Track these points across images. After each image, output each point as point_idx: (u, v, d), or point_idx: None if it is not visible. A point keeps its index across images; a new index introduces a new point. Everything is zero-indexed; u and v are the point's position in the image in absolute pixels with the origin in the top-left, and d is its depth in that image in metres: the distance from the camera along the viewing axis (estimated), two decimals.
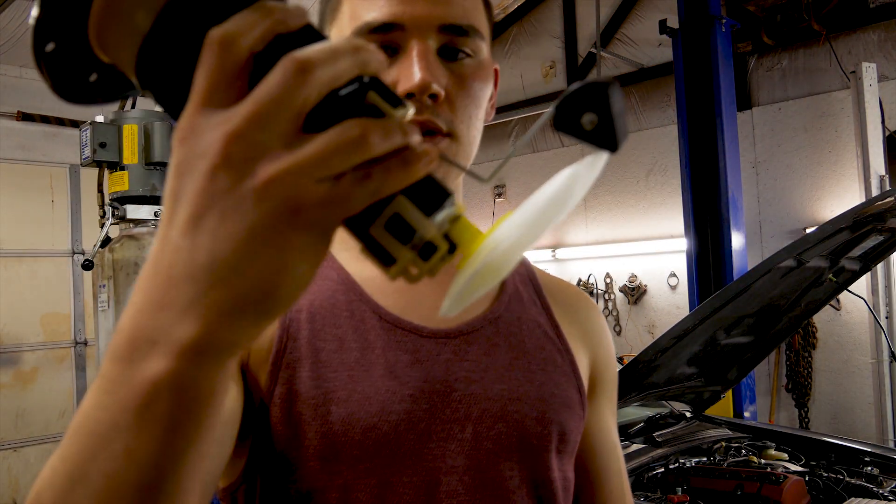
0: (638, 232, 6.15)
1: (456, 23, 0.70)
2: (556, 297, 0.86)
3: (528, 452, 0.74)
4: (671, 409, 3.11)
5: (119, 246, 2.61)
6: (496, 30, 6.92)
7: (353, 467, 0.68)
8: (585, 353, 0.84)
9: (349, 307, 0.75)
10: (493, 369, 0.75)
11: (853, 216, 2.20)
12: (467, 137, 0.73)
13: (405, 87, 0.68)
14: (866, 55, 4.91)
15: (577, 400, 0.79)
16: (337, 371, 0.71)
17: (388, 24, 0.69)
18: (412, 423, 0.70)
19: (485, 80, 0.74)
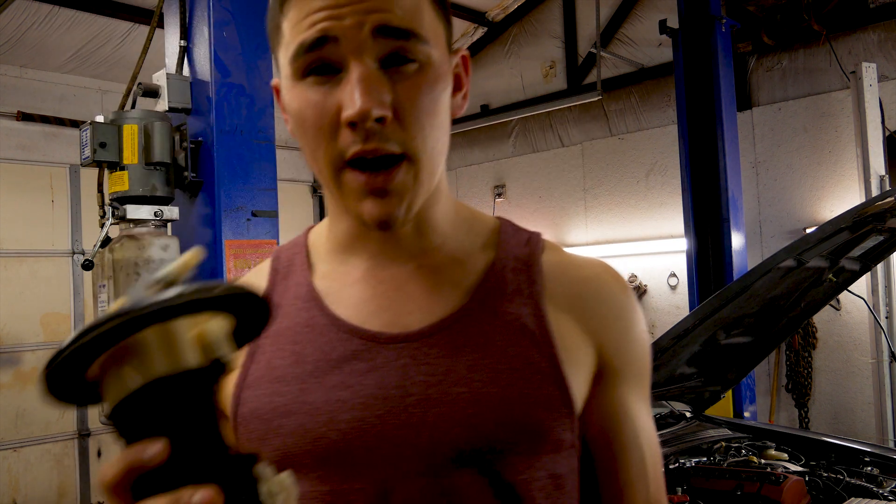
0: (638, 232, 6.15)
1: (392, 26, 0.69)
2: (559, 284, 0.80)
3: (490, 457, 0.72)
4: (671, 409, 3.11)
5: (119, 246, 2.61)
6: (496, 30, 6.93)
7: (307, 476, 0.71)
8: (586, 342, 0.79)
9: (310, 322, 0.77)
10: (453, 372, 0.73)
11: (853, 216, 2.20)
12: (425, 151, 0.72)
13: (346, 116, 0.68)
14: (866, 55, 4.91)
15: (558, 396, 0.75)
16: (290, 385, 0.74)
17: (320, 39, 0.69)
18: (363, 430, 0.71)
19: (436, 83, 0.72)
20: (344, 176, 0.71)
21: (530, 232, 0.85)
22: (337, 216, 0.81)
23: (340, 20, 0.68)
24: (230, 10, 2.80)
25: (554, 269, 0.82)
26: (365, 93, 0.67)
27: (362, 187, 0.70)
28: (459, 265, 0.80)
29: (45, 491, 5.31)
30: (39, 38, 5.17)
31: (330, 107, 0.69)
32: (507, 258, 0.81)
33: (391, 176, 0.70)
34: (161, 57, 2.97)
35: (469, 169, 7.41)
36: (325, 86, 0.70)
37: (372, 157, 0.69)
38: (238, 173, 2.79)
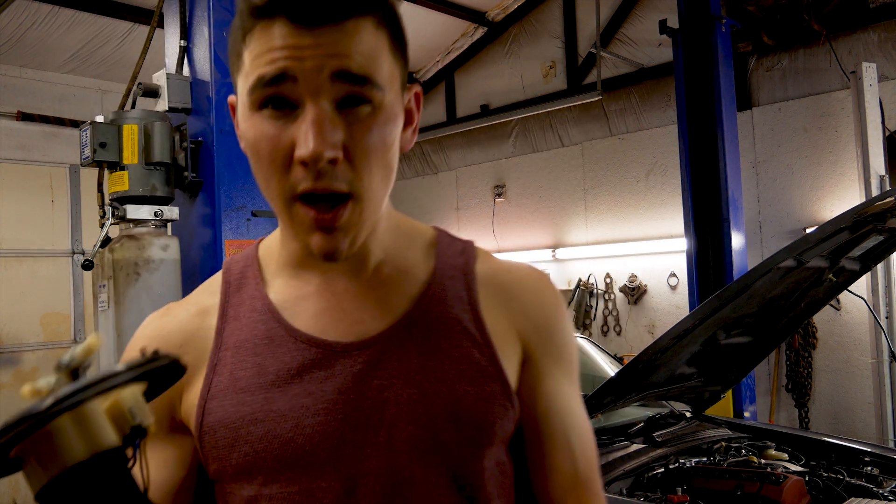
0: (638, 232, 6.15)
1: (349, 71, 0.72)
2: (491, 288, 0.88)
3: (442, 450, 0.79)
4: (671, 409, 3.11)
5: (119, 246, 2.61)
6: (496, 30, 6.93)
7: (276, 478, 0.77)
8: (514, 336, 0.86)
9: (268, 334, 0.82)
10: (403, 375, 0.79)
11: (853, 216, 2.20)
12: (371, 190, 0.76)
13: (300, 156, 0.72)
14: (866, 55, 4.91)
15: (500, 391, 0.82)
16: (255, 395, 0.79)
17: (279, 76, 0.71)
18: (326, 433, 0.77)
19: (387, 124, 0.76)
20: (294, 208, 0.75)
21: (464, 241, 0.92)
22: (290, 237, 0.84)
23: (301, 61, 0.71)
24: (230, 10, 2.79)
25: (486, 275, 0.89)
26: (318, 135, 0.71)
27: (311, 222, 0.75)
28: (404, 276, 0.86)
29: None
30: (39, 38, 5.17)
31: (284, 141, 0.73)
32: (445, 268, 0.87)
33: (338, 214, 0.75)
34: (161, 57, 2.97)
35: (469, 169, 7.41)
36: (281, 120, 0.73)
37: (321, 193, 0.73)
38: (238, 173, 2.79)
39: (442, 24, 6.77)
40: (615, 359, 3.79)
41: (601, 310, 6.34)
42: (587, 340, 3.89)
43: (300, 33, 0.71)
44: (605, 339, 6.27)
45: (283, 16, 0.71)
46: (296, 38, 0.71)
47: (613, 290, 6.28)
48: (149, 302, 2.59)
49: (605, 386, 2.48)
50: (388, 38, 0.77)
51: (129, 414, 0.58)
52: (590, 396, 2.51)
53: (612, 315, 6.28)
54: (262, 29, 0.72)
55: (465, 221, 7.44)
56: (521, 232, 6.96)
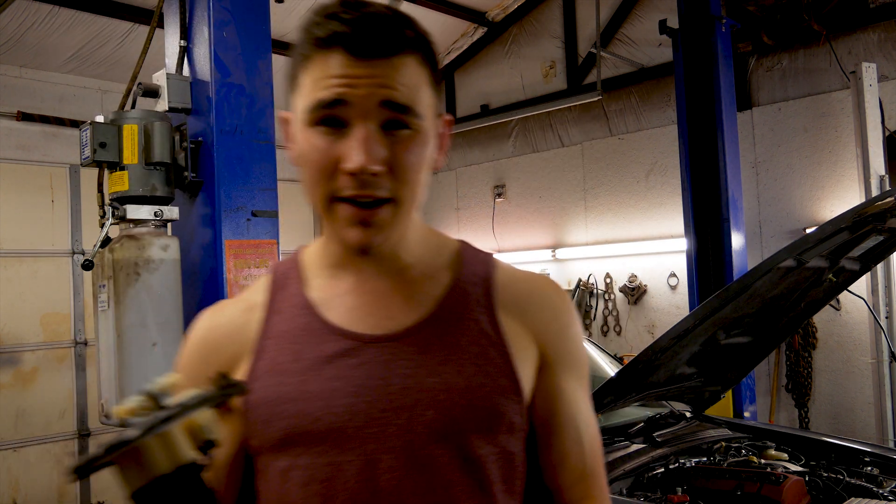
0: (638, 232, 6.15)
1: (395, 101, 0.85)
2: (509, 295, 0.98)
3: (456, 434, 0.89)
4: (671, 409, 3.11)
5: (119, 246, 2.61)
6: (496, 30, 6.93)
7: (310, 450, 0.89)
8: (531, 341, 0.97)
9: (306, 326, 0.94)
10: (426, 366, 0.90)
11: (853, 216, 2.20)
12: (406, 198, 0.89)
13: (347, 168, 0.84)
14: (866, 55, 4.91)
15: (510, 386, 0.92)
16: (292, 377, 0.91)
17: (335, 101, 0.84)
18: (353, 413, 0.88)
19: (424, 146, 0.89)
20: (335, 206, 0.88)
21: (486, 253, 1.04)
22: (330, 239, 0.97)
23: (355, 88, 0.84)
24: (230, 10, 2.79)
25: (504, 283, 0.99)
26: (366, 151, 0.83)
27: (350, 218, 0.87)
28: (429, 280, 0.97)
29: (45, 491, 5.31)
30: (39, 38, 5.17)
31: (333, 154, 0.86)
32: (467, 274, 0.98)
33: (375, 212, 0.87)
34: (161, 57, 2.97)
35: (469, 169, 7.41)
36: (332, 136, 0.86)
37: (364, 200, 0.86)
38: (238, 173, 2.78)
39: (442, 24, 6.76)
40: (615, 359, 3.78)
41: (601, 310, 6.34)
42: (587, 340, 3.89)
43: (355, 64, 0.84)
44: (605, 339, 6.26)
45: (341, 48, 0.84)
46: (351, 69, 0.84)
47: (613, 290, 6.28)
48: (149, 302, 2.59)
49: (605, 386, 2.48)
50: (428, 73, 0.89)
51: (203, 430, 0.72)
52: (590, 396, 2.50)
53: (612, 315, 6.28)
54: (322, 58, 0.85)
55: (465, 221, 7.43)
56: (521, 232, 6.96)
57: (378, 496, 0.87)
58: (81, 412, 5.49)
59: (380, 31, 0.84)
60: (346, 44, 0.83)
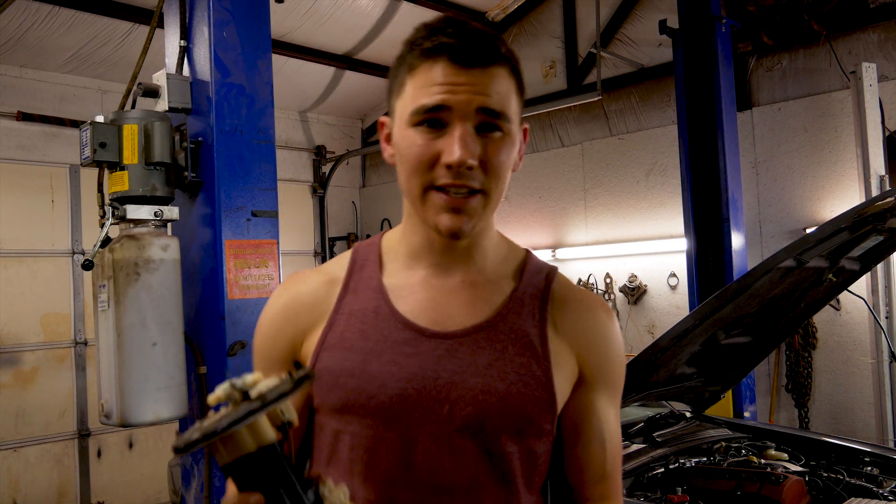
0: (638, 232, 6.15)
1: (490, 108, 0.97)
2: (562, 311, 1.08)
3: (487, 432, 1.00)
4: (671, 409, 3.11)
5: (119, 246, 2.61)
6: (496, 30, 6.92)
7: (360, 421, 1.01)
8: (573, 357, 1.06)
9: (376, 309, 1.05)
10: (474, 366, 1.01)
11: (853, 216, 2.20)
12: (495, 192, 1.00)
13: (447, 160, 0.95)
14: (866, 55, 4.91)
15: (546, 398, 1.02)
16: (357, 354, 1.03)
17: (438, 106, 0.96)
18: (403, 397, 1.00)
19: (511, 148, 1.01)
20: (430, 194, 0.99)
21: (549, 267, 1.14)
22: (412, 229, 1.08)
23: (456, 94, 0.96)
24: (230, 10, 2.79)
25: (560, 299, 1.09)
26: (464, 147, 0.95)
27: (444, 204, 0.98)
28: (493, 286, 1.08)
29: (45, 491, 5.31)
30: (39, 38, 5.17)
31: (432, 150, 0.97)
32: (527, 286, 1.08)
33: (468, 200, 0.98)
34: (161, 57, 2.97)
35: None
36: (431, 135, 0.97)
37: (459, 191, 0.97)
38: (238, 173, 2.78)
39: None
40: None
41: None
42: None
43: (457, 72, 0.96)
44: None
45: (446, 57, 0.96)
46: (453, 76, 0.96)
47: (613, 290, 6.28)
48: (149, 302, 2.59)
49: None
50: (516, 85, 1.02)
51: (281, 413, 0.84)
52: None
53: None
54: (428, 66, 0.97)
55: None
56: (521, 232, 6.96)
57: (412, 470, 0.99)
58: (81, 412, 5.49)
59: (479, 45, 0.97)
60: (451, 53, 0.96)
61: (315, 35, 6.21)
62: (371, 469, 1.01)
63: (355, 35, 6.46)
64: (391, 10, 6.30)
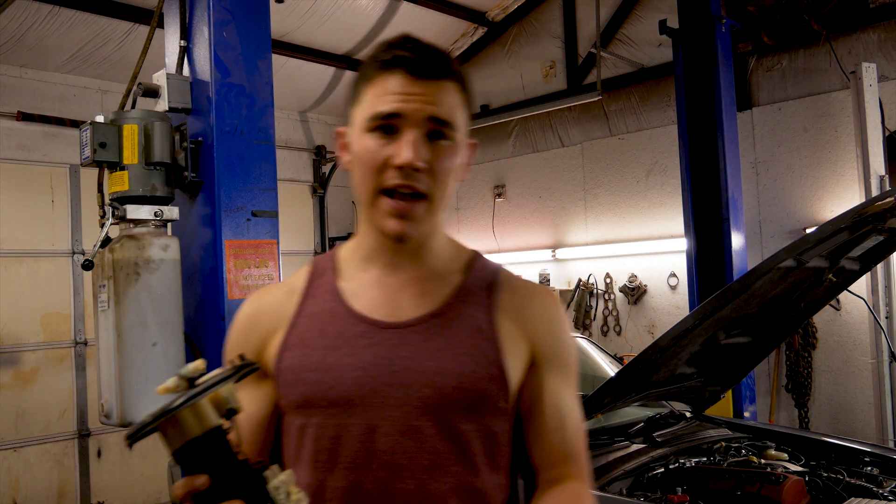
0: (638, 232, 6.15)
1: (439, 117, 1.05)
2: (510, 299, 1.15)
3: (445, 411, 1.06)
4: (671, 409, 3.11)
5: (119, 246, 2.61)
6: (496, 30, 6.94)
7: (322, 412, 1.08)
8: (524, 340, 1.13)
9: (333, 310, 1.13)
10: (427, 351, 1.07)
11: (853, 216, 2.20)
12: (438, 197, 1.08)
13: (397, 161, 1.03)
14: (866, 55, 4.91)
15: (497, 375, 1.08)
16: (316, 350, 1.10)
17: (391, 114, 1.04)
18: (361, 385, 1.06)
19: (456, 156, 1.09)
20: (380, 199, 1.06)
21: (496, 264, 1.21)
22: (365, 233, 1.15)
23: (409, 103, 1.04)
24: (230, 10, 2.79)
25: (508, 290, 1.16)
26: (414, 150, 1.03)
27: (391, 209, 1.05)
28: (442, 280, 1.15)
29: (45, 491, 5.31)
30: (39, 38, 5.17)
31: (383, 154, 1.05)
32: (475, 279, 1.16)
33: (413, 205, 1.05)
34: (161, 57, 2.97)
35: None
36: (384, 140, 1.05)
37: (405, 191, 1.04)
38: (238, 173, 2.78)
39: (442, 24, 6.76)
40: (615, 359, 3.78)
41: (601, 310, 6.34)
42: (587, 340, 3.89)
43: (412, 83, 1.04)
44: (605, 339, 6.26)
45: (402, 69, 1.05)
46: (408, 87, 1.04)
47: (613, 290, 6.28)
48: (149, 302, 2.59)
49: (605, 386, 2.48)
50: (463, 99, 1.10)
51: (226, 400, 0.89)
52: (590, 396, 2.51)
53: (612, 315, 6.28)
54: (384, 77, 1.06)
55: (465, 221, 7.44)
56: (521, 232, 6.96)
57: (375, 454, 1.05)
58: (81, 412, 5.49)
59: (433, 60, 1.06)
60: (407, 66, 1.05)
61: (315, 35, 6.22)
62: (336, 457, 1.06)
63: (355, 35, 6.46)
64: (391, 10, 6.30)
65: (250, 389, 1.13)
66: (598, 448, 2.68)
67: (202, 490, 0.87)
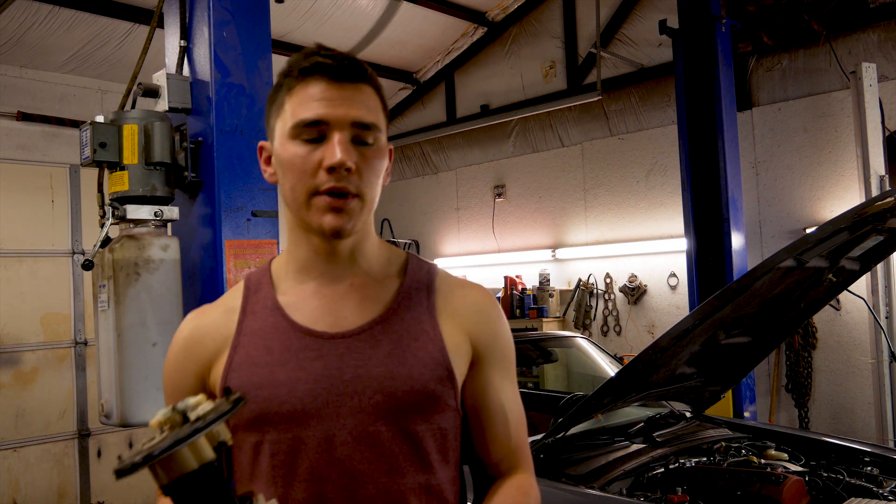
0: (638, 232, 6.15)
1: (362, 121, 1.08)
2: (446, 298, 1.18)
3: (398, 414, 1.08)
4: (671, 409, 3.11)
5: (119, 246, 2.61)
6: (496, 30, 6.95)
7: (277, 427, 1.08)
8: (465, 339, 1.16)
9: (275, 325, 1.13)
10: (375, 358, 1.09)
11: (853, 216, 2.19)
12: (368, 196, 1.10)
13: (329, 163, 1.05)
14: (866, 55, 4.91)
15: (446, 376, 1.11)
16: (263, 368, 1.10)
17: (317, 120, 1.06)
18: (313, 397, 1.07)
19: (381, 159, 1.12)
20: (314, 198, 1.07)
21: (429, 264, 1.23)
22: (297, 243, 1.15)
23: (333, 109, 1.06)
24: (230, 10, 2.79)
25: (444, 289, 1.19)
26: (344, 151, 1.05)
27: (326, 205, 1.07)
28: (380, 285, 1.16)
29: (45, 491, 5.31)
30: (39, 38, 5.17)
31: (313, 159, 1.07)
32: (412, 282, 1.18)
33: (347, 201, 1.07)
34: (161, 57, 2.97)
35: (469, 169, 7.41)
36: (310, 146, 1.07)
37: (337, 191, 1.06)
38: (238, 173, 2.78)
39: (442, 24, 6.77)
40: (615, 359, 3.78)
41: (601, 310, 6.34)
42: (587, 340, 3.89)
43: (332, 87, 1.07)
44: (605, 339, 6.27)
45: (322, 75, 1.07)
46: (329, 92, 1.06)
47: (613, 290, 6.28)
48: (149, 302, 2.59)
49: (605, 386, 2.48)
50: (381, 102, 1.13)
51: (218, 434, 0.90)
52: (590, 396, 2.51)
53: (612, 315, 6.28)
54: (305, 84, 1.07)
55: (465, 221, 7.44)
56: (521, 232, 6.96)
57: (334, 464, 1.06)
58: (81, 412, 5.49)
59: (351, 64, 1.09)
60: (326, 72, 1.07)
61: (315, 35, 6.21)
62: (294, 470, 1.07)
63: (355, 35, 6.46)
64: (391, 10, 6.30)
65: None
66: (598, 448, 2.68)
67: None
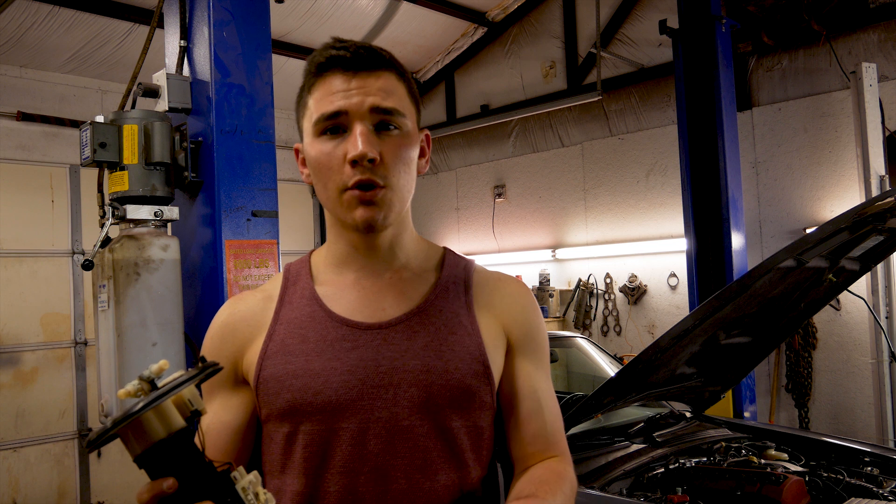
0: (638, 232, 6.15)
1: (383, 107, 1.06)
2: (482, 291, 1.17)
3: (434, 408, 1.06)
4: (671, 409, 3.11)
5: (119, 246, 2.61)
6: (496, 30, 6.94)
7: (311, 418, 1.06)
8: (501, 330, 1.15)
9: (312, 314, 1.12)
10: (412, 350, 1.08)
11: (853, 216, 2.20)
12: (398, 186, 1.08)
13: (351, 156, 1.04)
14: (866, 55, 4.91)
15: (482, 371, 1.10)
16: (298, 357, 1.08)
17: (335, 112, 1.06)
18: (348, 388, 1.06)
19: (409, 145, 1.10)
20: (345, 194, 1.06)
21: (466, 259, 1.23)
22: (335, 238, 1.16)
23: (350, 99, 1.05)
24: (230, 10, 2.79)
25: (480, 283, 1.19)
26: (364, 143, 1.04)
27: (357, 199, 1.05)
28: (418, 279, 1.16)
29: (45, 491, 5.31)
30: (39, 38, 5.17)
31: (339, 153, 1.06)
32: (450, 276, 1.17)
33: (376, 193, 1.05)
34: (161, 57, 2.97)
35: (469, 169, 7.41)
36: (335, 141, 1.07)
37: (365, 184, 1.04)
38: (238, 173, 2.78)
39: (442, 24, 6.77)
40: (615, 359, 3.78)
41: (601, 310, 6.34)
42: (587, 340, 3.89)
43: (349, 78, 1.06)
44: (605, 339, 6.27)
45: (338, 68, 1.06)
46: (346, 83, 1.06)
47: (613, 291, 6.28)
48: (149, 302, 2.59)
49: (605, 386, 2.48)
50: (406, 87, 1.11)
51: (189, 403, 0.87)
52: (590, 396, 2.51)
53: (612, 315, 6.28)
54: (323, 80, 1.08)
55: (465, 221, 7.44)
56: (521, 232, 6.96)
57: (366, 458, 1.05)
58: (81, 412, 5.49)
59: (367, 53, 1.08)
60: (342, 64, 1.06)
61: (315, 35, 6.21)
62: (328, 462, 1.05)
63: (355, 35, 6.45)
64: (391, 10, 6.30)
65: (226, 398, 1.12)
66: (598, 448, 2.68)
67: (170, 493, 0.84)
